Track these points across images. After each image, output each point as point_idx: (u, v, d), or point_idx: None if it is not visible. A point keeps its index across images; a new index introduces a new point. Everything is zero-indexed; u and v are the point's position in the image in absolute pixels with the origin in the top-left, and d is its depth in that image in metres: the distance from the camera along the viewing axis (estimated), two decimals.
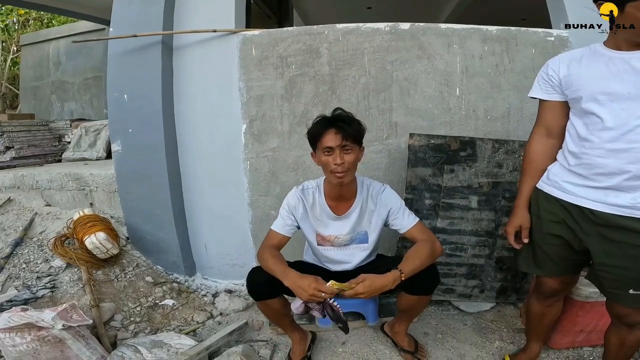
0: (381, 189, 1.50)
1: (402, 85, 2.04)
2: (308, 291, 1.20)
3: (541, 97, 1.27)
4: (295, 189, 1.51)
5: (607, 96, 1.10)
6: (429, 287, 1.41)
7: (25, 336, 1.50)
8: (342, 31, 2.08)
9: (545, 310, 1.44)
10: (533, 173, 1.31)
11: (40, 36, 6.78)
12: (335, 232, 1.51)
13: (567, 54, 1.25)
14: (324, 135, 1.34)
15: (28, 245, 2.26)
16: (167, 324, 1.95)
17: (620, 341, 1.26)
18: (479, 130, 2.02)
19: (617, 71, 1.10)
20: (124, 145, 2.23)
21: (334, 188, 1.44)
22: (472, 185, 1.84)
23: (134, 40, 2.17)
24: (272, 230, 1.47)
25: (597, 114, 1.11)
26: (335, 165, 1.33)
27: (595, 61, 1.16)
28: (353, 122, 1.37)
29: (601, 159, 1.10)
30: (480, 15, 6.30)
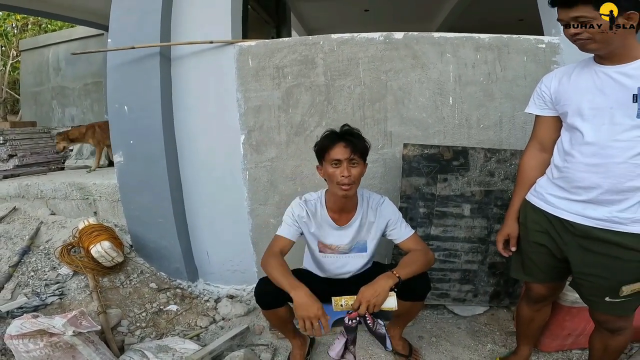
0: (380, 202, 1.56)
1: (397, 94, 2.09)
2: (311, 315, 1.23)
3: (535, 113, 1.33)
4: (299, 200, 1.56)
5: (590, 111, 1.15)
6: (422, 293, 1.48)
7: (37, 342, 1.56)
8: (337, 41, 2.12)
9: (534, 314, 1.50)
10: (524, 186, 1.37)
11: (39, 41, 6.82)
12: (336, 241, 1.57)
13: (562, 69, 1.30)
14: (332, 148, 1.40)
15: (35, 253, 2.32)
16: (172, 329, 2.02)
17: (603, 346, 1.31)
18: (472, 138, 2.07)
19: (601, 85, 1.14)
20: (125, 156, 2.29)
21: (338, 200, 1.49)
22: (464, 194, 1.90)
23: (132, 51, 2.21)
24: (278, 235, 1.51)
25: (579, 129, 1.16)
26: (342, 177, 1.39)
27: (583, 75, 1.20)
28: (361, 139, 1.45)
29: (580, 173, 1.16)
30: (478, 16, 6.32)
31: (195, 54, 2.27)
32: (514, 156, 1.86)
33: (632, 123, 1.08)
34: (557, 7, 1.11)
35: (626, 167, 1.09)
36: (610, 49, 1.10)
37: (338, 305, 1.32)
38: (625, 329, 1.26)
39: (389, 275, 1.33)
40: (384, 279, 1.31)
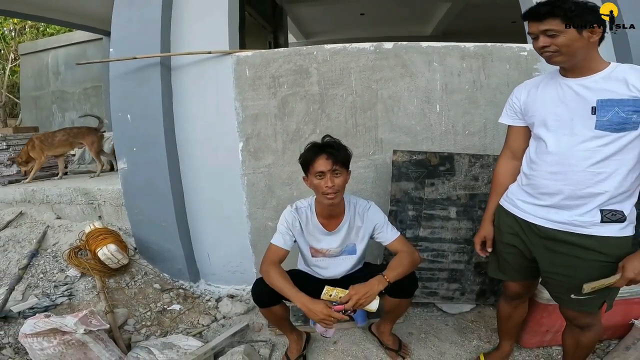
0: (367, 207, 1.67)
1: (387, 103, 2.19)
2: (320, 316, 1.37)
3: (507, 123, 1.43)
4: (290, 208, 1.67)
5: (553, 122, 1.23)
6: (409, 291, 1.61)
7: (51, 340, 1.67)
8: (330, 51, 2.22)
9: (512, 311, 1.61)
10: (498, 191, 1.48)
11: (38, 46, 6.92)
12: (327, 245, 1.68)
13: (532, 81, 1.38)
14: (315, 161, 1.50)
15: (43, 256, 2.42)
16: (176, 327, 2.13)
17: (575, 342, 1.40)
18: (457, 144, 2.18)
19: (564, 97, 1.22)
20: (129, 163, 2.40)
21: (325, 207, 1.60)
22: (451, 197, 2.01)
23: (134, 61, 2.30)
24: (274, 245, 1.59)
25: (544, 139, 1.25)
26: (326, 187, 1.49)
27: (548, 88, 1.28)
28: (341, 149, 1.54)
29: (544, 180, 1.25)
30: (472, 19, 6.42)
31: (194, 64, 2.37)
32: (496, 161, 1.96)
33: (591, 134, 1.16)
34: (528, 20, 1.20)
35: (584, 175, 1.17)
36: (574, 61, 1.18)
37: (327, 295, 1.45)
38: (593, 325, 1.35)
39: (380, 279, 1.45)
40: (376, 283, 1.44)
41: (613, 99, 1.14)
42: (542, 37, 1.17)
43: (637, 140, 1.14)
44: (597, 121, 1.15)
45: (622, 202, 1.18)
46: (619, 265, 1.18)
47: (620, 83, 1.15)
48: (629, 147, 1.15)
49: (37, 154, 3.36)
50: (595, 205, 1.19)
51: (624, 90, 1.14)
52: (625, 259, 1.17)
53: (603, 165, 1.16)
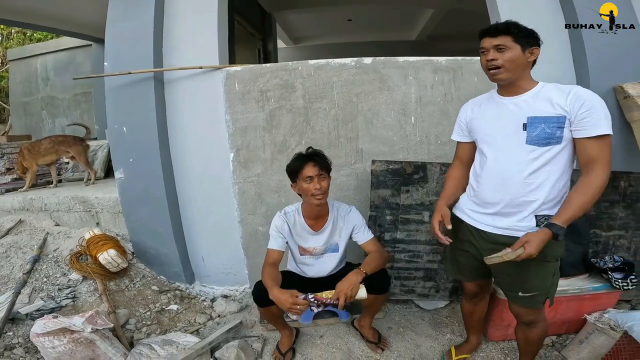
0: (348, 210, 1.89)
1: (366, 115, 2.38)
2: (287, 304, 1.54)
3: (457, 140, 1.61)
4: (279, 213, 1.88)
5: (492, 138, 1.38)
6: (383, 288, 1.81)
7: (61, 339, 1.82)
8: (314, 67, 2.39)
9: (473, 308, 1.81)
10: (447, 190, 1.63)
11: (26, 51, 6.83)
12: (313, 244, 1.90)
13: (475, 100, 1.53)
14: (304, 168, 1.72)
15: (45, 261, 2.56)
16: (174, 326, 2.29)
17: (524, 337, 1.56)
18: (431, 153, 2.38)
19: (500, 115, 1.36)
20: (126, 173, 2.55)
21: (313, 209, 1.81)
22: (424, 203, 2.21)
23: (128, 75, 2.41)
24: (269, 249, 1.81)
25: (485, 154, 1.41)
26: (315, 189, 1.71)
27: (488, 106, 1.44)
28: (324, 157, 1.78)
29: (487, 191, 1.41)
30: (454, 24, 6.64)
31: (187, 78, 2.50)
32: None
33: (523, 148, 1.31)
34: (483, 37, 1.34)
35: (520, 186, 1.33)
36: (513, 78, 1.33)
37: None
38: (538, 322, 1.50)
39: (357, 271, 1.66)
40: (354, 275, 1.64)
41: (540, 116, 1.29)
42: (492, 51, 1.32)
43: (561, 153, 1.30)
44: (528, 136, 1.30)
45: (552, 207, 1.33)
46: (521, 239, 1.29)
47: (546, 101, 1.30)
48: (555, 159, 1.30)
49: (29, 163, 3.44)
50: (530, 211, 1.34)
51: (549, 108, 1.29)
52: (527, 236, 1.27)
53: (534, 177, 1.31)
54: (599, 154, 1.25)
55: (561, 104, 1.28)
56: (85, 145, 3.58)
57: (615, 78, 2.26)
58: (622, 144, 2.26)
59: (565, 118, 1.27)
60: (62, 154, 3.55)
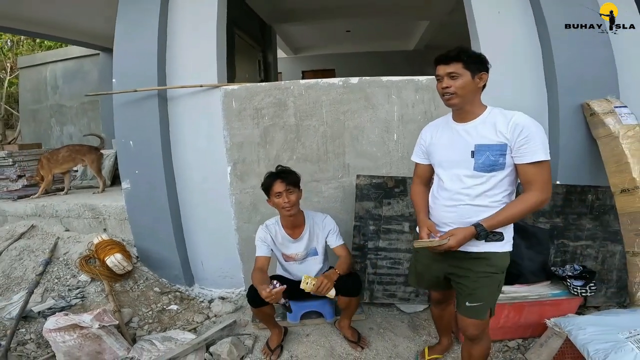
0: (323, 218, 2.13)
1: (352, 132, 2.58)
2: (264, 294, 1.76)
3: (417, 161, 1.69)
4: (262, 227, 2.12)
5: (446, 163, 1.47)
6: (355, 291, 2.01)
7: (72, 334, 2.02)
8: (305, 86, 2.59)
9: (441, 312, 1.96)
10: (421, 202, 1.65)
11: (36, 59, 6.99)
12: (294, 250, 2.13)
13: (435, 123, 1.60)
14: (273, 185, 1.97)
15: (56, 264, 2.77)
16: (173, 324, 2.49)
17: (468, 354, 1.64)
18: (411, 169, 2.40)
19: (453, 141, 1.44)
20: (132, 184, 2.76)
21: (288, 220, 2.06)
22: (404, 214, 2.41)
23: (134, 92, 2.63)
24: (257, 256, 2.06)
25: (441, 177, 1.51)
26: (284, 203, 1.95)
27: (445, 131, 1.51)
28: (291, 173, 2.01)
29: (442, 212, 1.51)
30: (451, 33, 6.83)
31: (188, 95, 2.70)
32: None
33: (471, 174, 1.41)
34: (437, 64, 1.42)
35: (469, 208, 1.43)
36: (464, 103, 1.40)
37: (304, 282, 1.85)
38: (481, 339, 1.58)
39: (333, 272, 1.92)
40: (333, 274, 1.90)
41: (485, 144, 1.38)
42: (446, 79, 1.39)
43: (506, 179, 1.40)
44: (475, 163, 1.40)
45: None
46: (448, 232, 1.43)
47: (491, 128, 1.38)
48: (499, 184, 1.41)
49: (46, 172, 3.69)
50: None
51: (493, 135, 1.37)
52: (454, 230, 1.41)
53: (480, 200, 1.42)
54: (536, 177, 1.36)
55: (503, 132, 1.37)
56: (100, 154, 3.84)
57: (583, 95, 2.40)
58: (589, 159, 2.43)
59: (506, 146, 1.37)
60: (78, 162, 3.80)
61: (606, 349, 1.43)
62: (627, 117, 2.22)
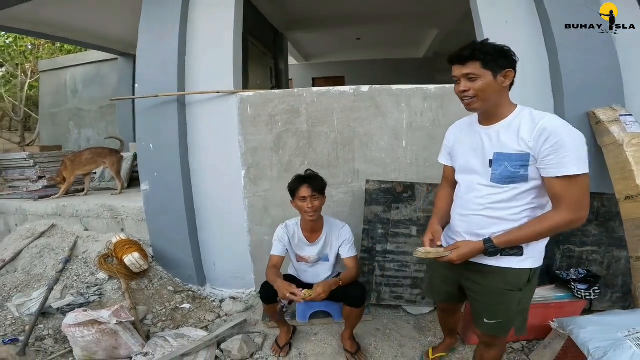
0: (341, 226, 2.17)
1: (362, 139, 2.65)
2: (283, 291, 1.83)
3: (443, 163, 1.60)
4: (281, 226, 2.18)
5: (465, 169, 1.35)
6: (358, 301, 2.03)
7: (90, 329, 2.11)
8: (317, 93, 2.67)
9: (447, 318, 1.97)
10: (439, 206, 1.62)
11: (57, 63, 7.18)
12: (308, 253, 2.19)
13: (461, 123, 1.46)
14: (299, 189, 2.02)
15: (75, 262, 2.88)
16: (186, 322, 2.58)
17: (480, 356, 1.60)
18: (420, 175, 2.63)
19: (474, 147, 1.31)
20: (151, 186, 2.86)
21: (308, 224, 2.11)
22: (412, 219, 2.47)
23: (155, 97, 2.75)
24: (271, 255, 2.11)
25: (459, 183, 1.41)
26: (308, 208, 2.00)
27: (468, 134, 1.37)
28: (319, 180, 2.06)
29: (456, 220, 1.42)
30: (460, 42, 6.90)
31: (205, 101, 2.81)
32: None
33: (487, 184, 1.29)
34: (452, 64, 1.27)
35: (481, 219, 1.32)
36: (487, 107, 1.24)
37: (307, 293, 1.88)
38: (496, 345, 1.53)
39: (335, 280, 1.96)
40: (334, 283, 1.93)
41: (504, 153, 1.23)
42: (464, 81, 1.23)
43: (532, 191, 1.23)
44: (492, 174, 1.26)
45: None
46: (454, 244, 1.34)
47: (514, 135, 1.22)
48: (521, 196, 1.24)
49: (69, 173, 3.83)
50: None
51: (514, 144, 1.21)
52: (460, 242, 1.32)
53: (495, 211, 1.28)
54: (564, 193, 1.18)
55: (526, 139, 1.20)
56: (120, 156, 3.99)
57: (589, 103, 2.43)
58: (595, 167, 2.44)
59: (529, 156, 1.20)
60: (100, 164, 3.95)
61: (605, 347, 1.47)
62: (631, 126, 2.26)
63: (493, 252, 1.29)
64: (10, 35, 8.29)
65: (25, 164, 4.36)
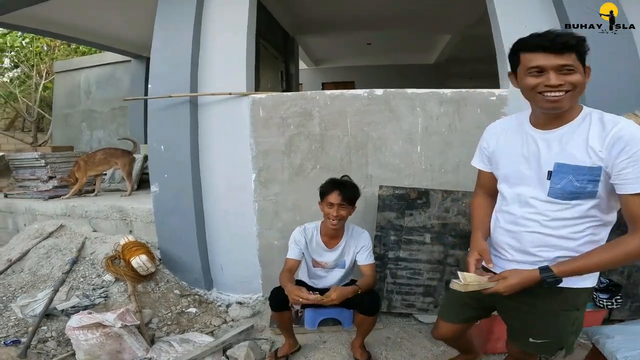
0: (361, 232, 2.12)
1: (376, 143, 2.60)
2: (292, 295, 1.77)
3: (479, 167, 1.37)
4: (299, 228, 2.12)
5: (514, 180, 1.16)
6: (372, 309, 1.96)
7: (94, 332, 2.06)
8: (330, 96, 2.63)
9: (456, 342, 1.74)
10: (479, 218, 1.38)
11: (72, 65, 7.22)
12: (326, 259, 2.13)
13: (502, 124, 1.27)
14: (329, 194, 1.96)
15: (82, 263, 2.85)
16: (192, 327, 2.52)
17: None
18: (434, 180, 2.56)
19: (528, 154, 1.11)
20: (160, 187, 2.83)
21: (329, 230, 2.06)
22: (426, 226, 2.40)
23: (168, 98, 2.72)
24: (287, 258, 2.04)
25: (504, 195, 1.20)
26: (332, 216, 1.95)
27: (515, 137, 1.17)
28: (352, 189, 2.00)
29: (501, 236, 1.22)
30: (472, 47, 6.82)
31: (217, 102, 2.78)
32: (464, 196, 2.35)
33: (543, 199, 1.10)
34: (539, 52, 1.01)
35: (536, 236, 1.13)
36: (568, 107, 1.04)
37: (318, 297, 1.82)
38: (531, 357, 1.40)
39: (354, 289, 1.88)
40: (352, 289, 1.87)
41: (569, 164, 1.05)
42: (555, 74, 1.00)
43: (599, 207, 1.07)
44: (550, 188, 1.08)
45: None
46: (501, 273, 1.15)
47: (581, 143, 1.04)
48: (584, 214, 1.08)
49: (81, 174, 3.83)
50: (549, 260, 1.13)
51: (582, 153, 1.03)
52: (509, 271, 1.13)
53: (555, 229, 1.11)
54: None
55: (596, 149, 1.02)
56: (132, 158, 3.99)
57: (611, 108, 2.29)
58: None
59: (600, 169, 1.02)
60: (112, 165, 3.95)
61: (634, 356, 1.41)
62: None
63: (552, 282, 1.07)
64: (27, 36, 8.39)
65: (37, 163, 4.37)
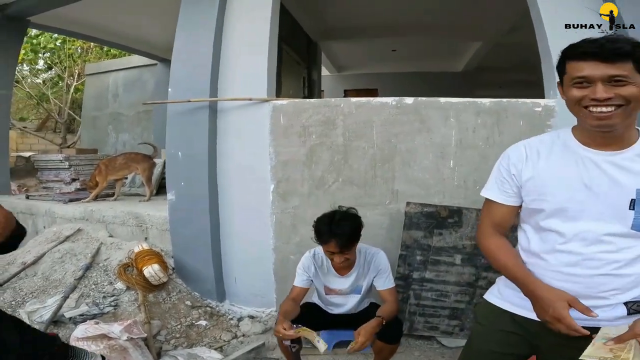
0: (375, 254, 1.90)
1: (404, 156, 2.42)
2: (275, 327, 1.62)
3: (499, 201, 1.07)
4: (308, 254, 1.94)
5: (576, 211, 0.95)
6: (394, 337, 1.80)
7: (98, 344, 1.96)
8: (355, 104, 2.47)
9: None
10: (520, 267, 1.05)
11: (102, 67, 7.41)
12: (339, 286, 1.94)
13: (533, 144, 1.05)
14: (326, 244, 1.74)
15: (96, 269, 2.78)
16: (200, 341, 2.41)
17: None
18: (468, 198, 2.34)
19: (589, 180, 0.93)
20: (177, 195, 2.75)
21: None
22: (457, 246, 2.20)
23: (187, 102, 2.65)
24: (294, 285, 1.89)
25: (558, 232, 0.97)
26: (338, 262, 1.77)
27: (564, 161, 0.98)
28: (350, 234, 1.73)
29: (555, 281, 0.97)
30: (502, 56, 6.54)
31: (237, 108, 2.68)
32: None
33: (625, 232, 0.90)
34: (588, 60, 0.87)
35: (606, 278, 0.94)
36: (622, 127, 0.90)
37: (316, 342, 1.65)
38: None
39: (378, 322, 1.66)
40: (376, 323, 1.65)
41: None
42: (602, 86, 0.86)
43: None
44: (635, 219, 0.90)
45: None
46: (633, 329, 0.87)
47: None
48: None
49: (102, 178, 3.82)
50: (618, 302, 0.95)
51: None
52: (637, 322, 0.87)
53: (632, 268, 0.92)
54: None
55: None
56: (152, 163, 3.96)
57: None
58: None
59: None
60: (133, 170, 3.93)
61: None
62: None
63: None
64: (60, 38, 8.64)
65: (61, 165, 4.44)
